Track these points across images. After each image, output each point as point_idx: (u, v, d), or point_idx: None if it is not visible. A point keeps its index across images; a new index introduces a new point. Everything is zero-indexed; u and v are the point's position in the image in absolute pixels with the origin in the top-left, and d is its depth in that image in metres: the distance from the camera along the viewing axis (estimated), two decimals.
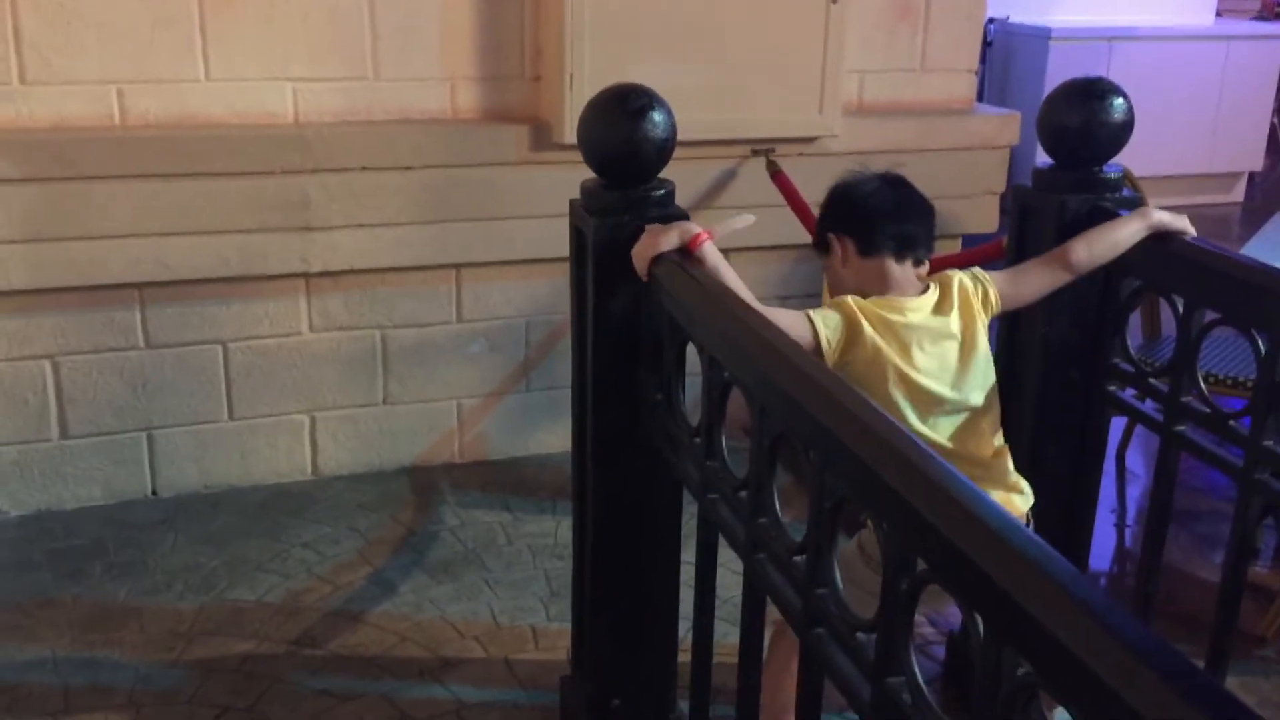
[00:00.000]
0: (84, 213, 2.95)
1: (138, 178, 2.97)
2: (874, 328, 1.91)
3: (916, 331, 1.94)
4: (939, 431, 1.95)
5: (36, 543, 3.03)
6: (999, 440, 2.03)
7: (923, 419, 1.94)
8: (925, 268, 2.03)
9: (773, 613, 1.63)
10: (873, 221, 2.00)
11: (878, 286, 1.98)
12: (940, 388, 1.94)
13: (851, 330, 1.90)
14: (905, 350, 1.92)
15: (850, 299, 1.94)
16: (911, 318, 1.94)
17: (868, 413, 1.31)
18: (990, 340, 2.04)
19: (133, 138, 2.98)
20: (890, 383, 1.91)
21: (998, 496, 1.87)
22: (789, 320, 1.85)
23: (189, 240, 3.05)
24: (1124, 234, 2.06)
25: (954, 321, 1.97)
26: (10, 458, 3.13)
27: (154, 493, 3.27)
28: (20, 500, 3.16)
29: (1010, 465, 2.03)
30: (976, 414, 1.98)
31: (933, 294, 2.00)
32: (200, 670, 2.53)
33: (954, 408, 1.96)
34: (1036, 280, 2.09)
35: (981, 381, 1.98)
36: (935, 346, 1.95)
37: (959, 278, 2.01)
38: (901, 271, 1.99)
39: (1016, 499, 2.00)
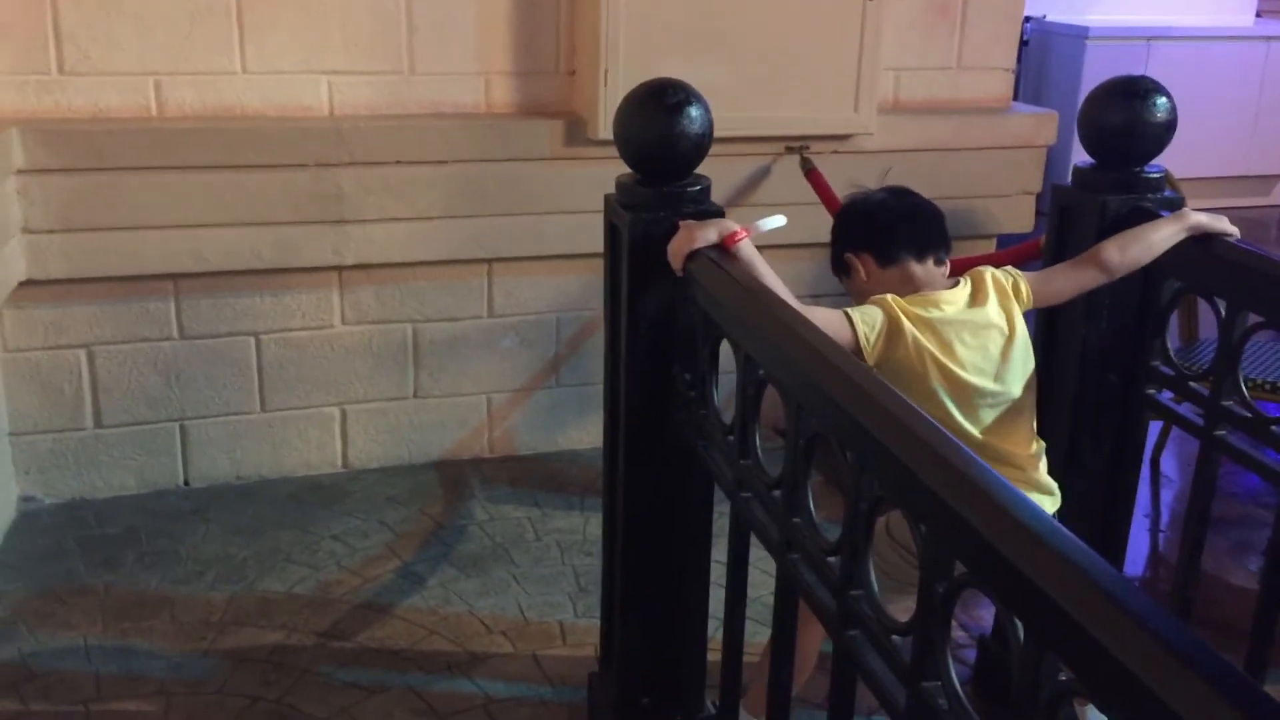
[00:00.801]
0: (120, 203, 2.97)
1: (174, 169, 2.99)
2: (914, 324, 1.90)
3: (955, 325, 1.93)
4: (979, 425, 1.94)
5: (70, 530, 3.05)
6: (1037, 440, 2.02)
7: (964, 412, 1.93)
8: (947, 267, 2.03)
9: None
10: (886, 230, 2.02)
11: (906, 291, 1.97)
12: (982, 380, 1.93)
13: (892, 327, 1.89)
14: (947, 345, 1.91)
15: (890, 296, 1.93)
16: (949, 311, 1.93)
17: (906, 413, 1.29)
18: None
19: (169, 129, 2.99)
20: (932, 378, 1.90)
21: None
22: (827, 318, 1.84)
23: (223, 232, 3.07)
24: (1159, 236, 2.03)
25: (993, 311, 1.96)
26: (46, 446, 3.15)
27: (186, 483, 3.29)
28: (55, 488, 3.18)
29: (1044, 466, 2.02)
30: (1016, 406, 1.97)
31: (965, 287, 1.99)
32: (230, 660, 2.54)
33: (995, 400, 1.95)
34: (1067, 280, 2.06)
35: (1022, 372, 1.97)
36: (976, 339, 1.94)
37: (990, 271, 2.01)
38: (925, 272, 2.00)
39: (1046, 500, 1.99)
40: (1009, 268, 2.03)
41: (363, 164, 3.11)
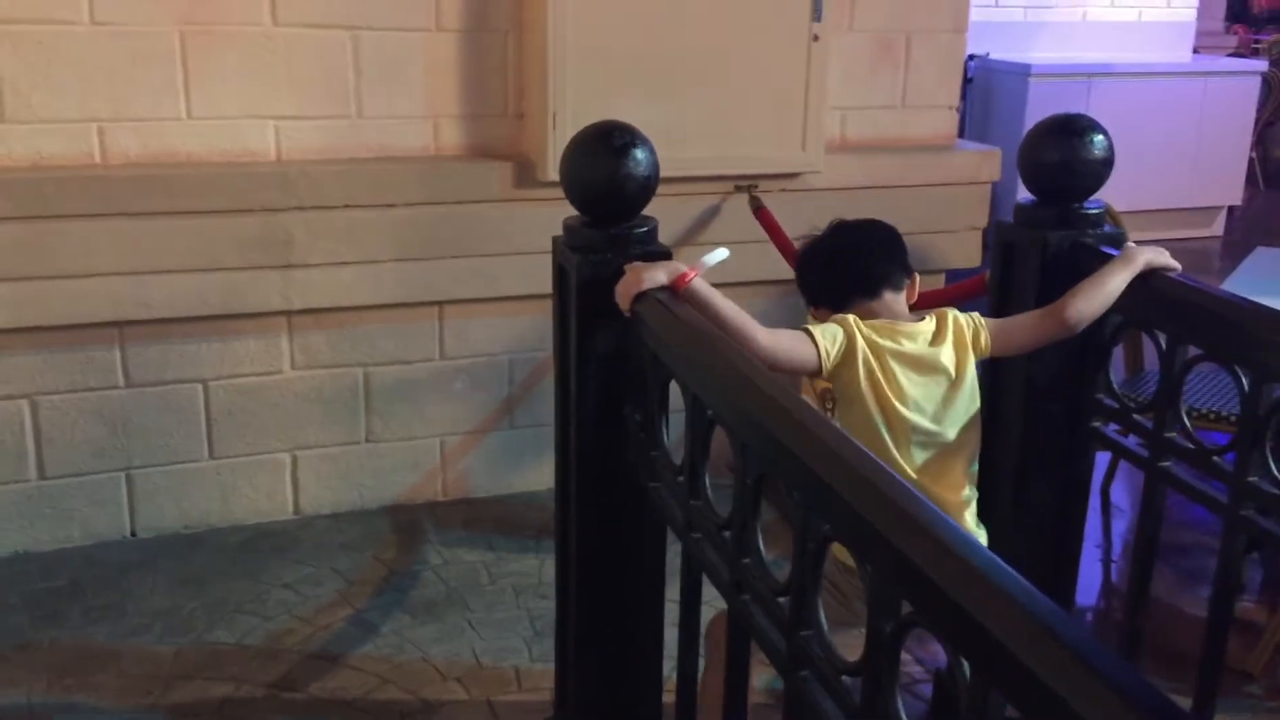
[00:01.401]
0: (64, 251, 2.94)
1: (118, 215, 2.96)
2: (869, 349, 1.93)
3: (908, 359, 1.95)
4: (912, 463, 1.96)
5: (13, 585, 2.98)
6: (969, 486, 2.03)
7: (898, 447, 1.95)
8: (907, 291, 2.05)
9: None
10: (826, 281, 2.06)
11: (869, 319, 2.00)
12: (919, 418, 1.95)
13: (849, 346, 1.92)
14: (893, 377, 1.93)
15: (851, 317, 1.96)
16: (906, 345, 1.95)
17: (852, 453, 1.30)
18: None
19: (113, 176, 2.97)
20: (871, 404, 1.93)
21: None
22: (791, 338, 1.89)
23: (170, 278, 3.04)
24: (1114, 283, 2.04)
25: (946, 354, 1.98)
26: None
27: (133, 533, 3.24)
28: None
29: (973, 513, 2.03)
30: (952, 450, 1.99)
31: (929, 324, 2.00)
32: (178, 715, 2.49)
33: (929, 440, 1.96)
34: (1027, 334, 2.07)
35: (963, 417, 1.99)
36: (922, 377, 1.95)
37: (954, 314, 2.02)
38: (882, 305, 2.02)
39: None
40: (974, 315, 2.04)
41: (311, 208, 3.10)
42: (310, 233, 3.11)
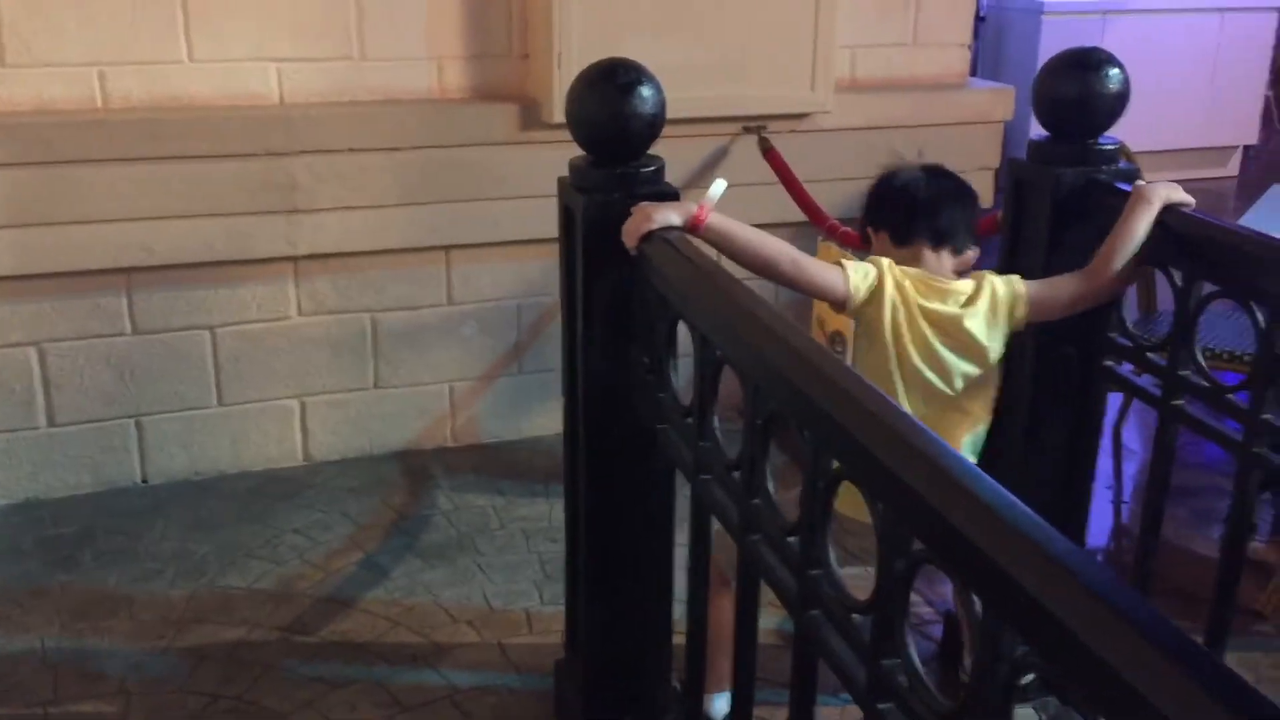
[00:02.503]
0: (68, 197, 2.91)
1: (121, 161, 2.93)
2: (899, 296, 1.93)
3: (935, 319, 1.95)
4: (917, 411, 1.96)
5: (25, 531, 3.00)
6: (971, 454, 2.03)
7: (908, 394, 1.96)
8: (966, 257, 2.05)
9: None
10: (906, 212, 2.04)
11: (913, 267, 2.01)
12: (933, 376, 1.96)
13: (879, 287, 1.92)
14: (916, 330, 1.94)
15: (888, 262, 1.95)
16: (937, 304, 1.95)
17: (863, 391, 1.28)
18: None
19: (115, 120, 2.94)
20: (890, 349, 1.94)
21: None
22: (819, 268, 1.91)
23: (174, 224, 3.02)
24: (1140, 227, 1.98)
25: (975, 322, 1.96)
26: None
27: (144, 480, 3.24)
28: (8, 489, 3.13)
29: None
30: (959, 408, 2.00)
31: (968, 285, 1.99)
32: (191, 658, 2.51)
33: (937, 397, 1.98)
34: (1067, 298, 2.03)
35: (976, 386, 2.00)
36: (947, 339, 1.96)
37: (994, 282, 2.00)
38: (938, 261, 2.03)
39: None
40: (1015, 281, 2.01)
41: (315, 152, 3.07)
42: (314, 177, 3.08)
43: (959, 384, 1.98)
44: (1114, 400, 3.52)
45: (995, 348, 1.99)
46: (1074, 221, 2.14)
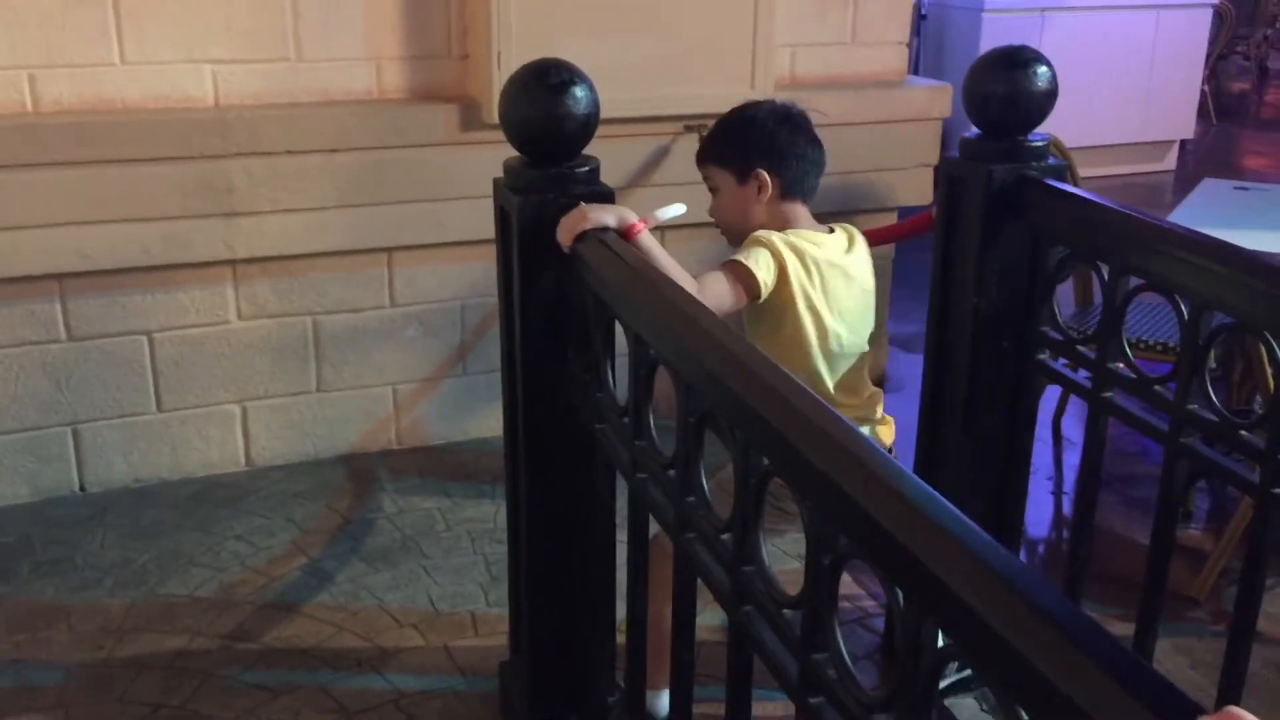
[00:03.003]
0: None
1: (53, 165, 2.88)
2: (799, 262, 1.96)
3: (833, 268, 2.00)
4: (835, 372, 2.04)
5: None
6: (871, 389, 2.14)
7: (825, 359, 2.02)
8: None
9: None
10: (801, 164, 2.05)
11: (786, 228, 2.02)
12: (842, 328, 2.01)
13: (781, 268, 1.94)
14: (826, 285, 1.98)
15: (773, 236, 1.97)
16: (831, 253, 2.01)
17: (791, 389, 1.29)
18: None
19: (46, 125, 2.89)
20: (805, 317, 1.97)
21: (868, 430, 2.02)
22: (716, 288, 1.90)
23: (109, 229, 2.98)
24: None
25: (859, 264, 2.05)
26: None
27: (82, 488, 3.20)
28: None
29: (881, 405, 2.14)
30: (859, 361, 2.08)
31: (840, 235, 2.07)
32: (131, 668, 2.48)
33: (848, 352, 2.04)
34: None
35: (870, 328, 2.09)
36: (847, 287, 2.02)
37: (849, 228, 2.11)
38: (808, 216, 2.08)
39: (883, 431, 2.11)
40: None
41: (252, 154, 3.04)
42: (252, 180, 3.05)
43: (861, 328, 2.06)
44: (1053, 393, 3.57)
45: (874, 286, 2.10)
46: (1006, 216, 2.17)
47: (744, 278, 1.93)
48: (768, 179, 2.03)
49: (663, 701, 2.20)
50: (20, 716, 2.34)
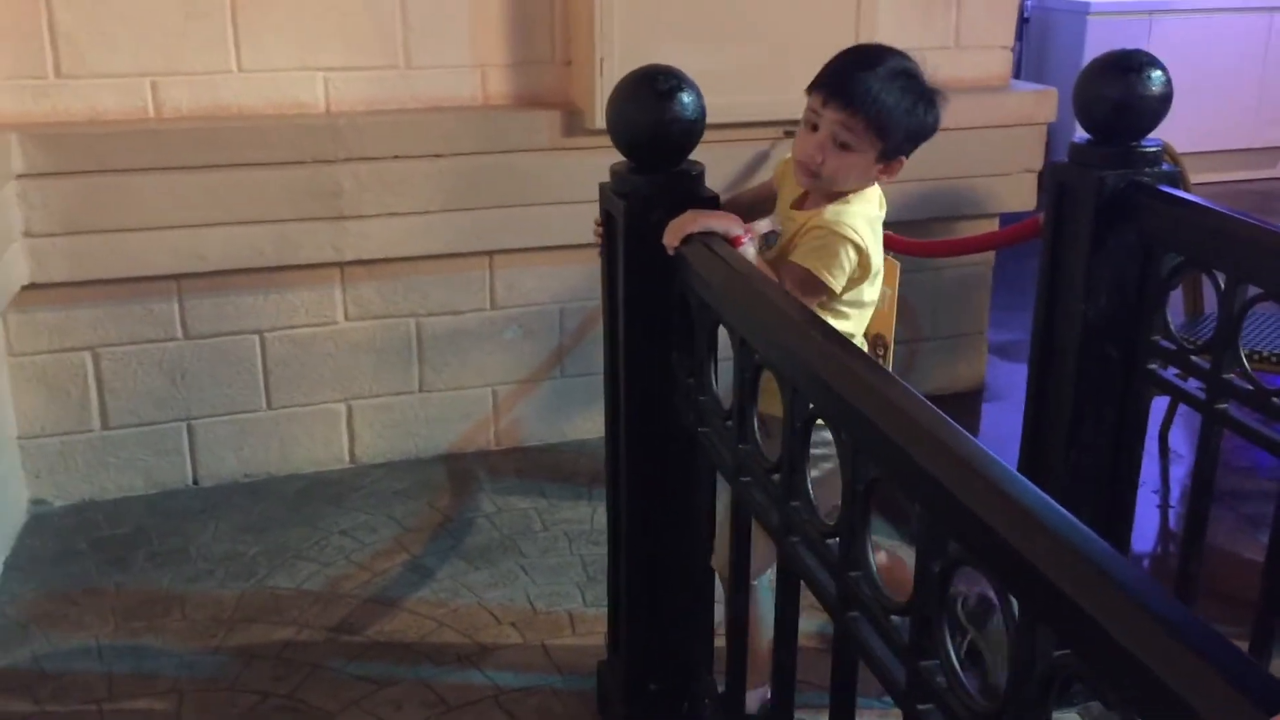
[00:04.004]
0: (120, 205, 2.98)
1: (172, 170, 2.99)
2: (873, 236, 1.96)
3: (879, 221, 2.02)
4: (864, 322, 2.07)
5: (80, 532, 3.07)
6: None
7: (863, 313, 2.04)
8: None
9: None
10: (917, 130, 1.97)
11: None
12: (885, 287, 2.08)
13: (860, 255, 1.92)
14: (878, 243, 1.99)
15: (857, 223, 1.92)
16: (878, 205, 2.03)
17: (900, 394, 1.29)
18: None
19: (167, 130, 3.00)
20: (874, 286, 2.00)
21: None
22: (805, 296, 1.88)
23: (224, 231, 3.08)
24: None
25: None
26: (54, 449, 3.17)
27: (195, 482, 3.31)
28: (64, 490, 3.20)
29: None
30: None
31: (869, 190, 2.01)
32: (241, 657, 2.56)
33: (876, 299, 2.06)
34: None
35: None
36: (880, 237, 2.02)
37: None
38: None
39: None
40: None
41: (360, 159, 3.11)
42: (359, 184, 3.13)
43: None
44: (1160, 404, 3.49)
45: None
46: (1117, 223, 2.13)
47: (819, 290, 1.91)
48: (898, 165, 1.97)
49: (751, 700, 2.21)
50: (137, 701, 2.43)
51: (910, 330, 3.80)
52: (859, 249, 1.90)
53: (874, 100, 1.86)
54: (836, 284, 1.90)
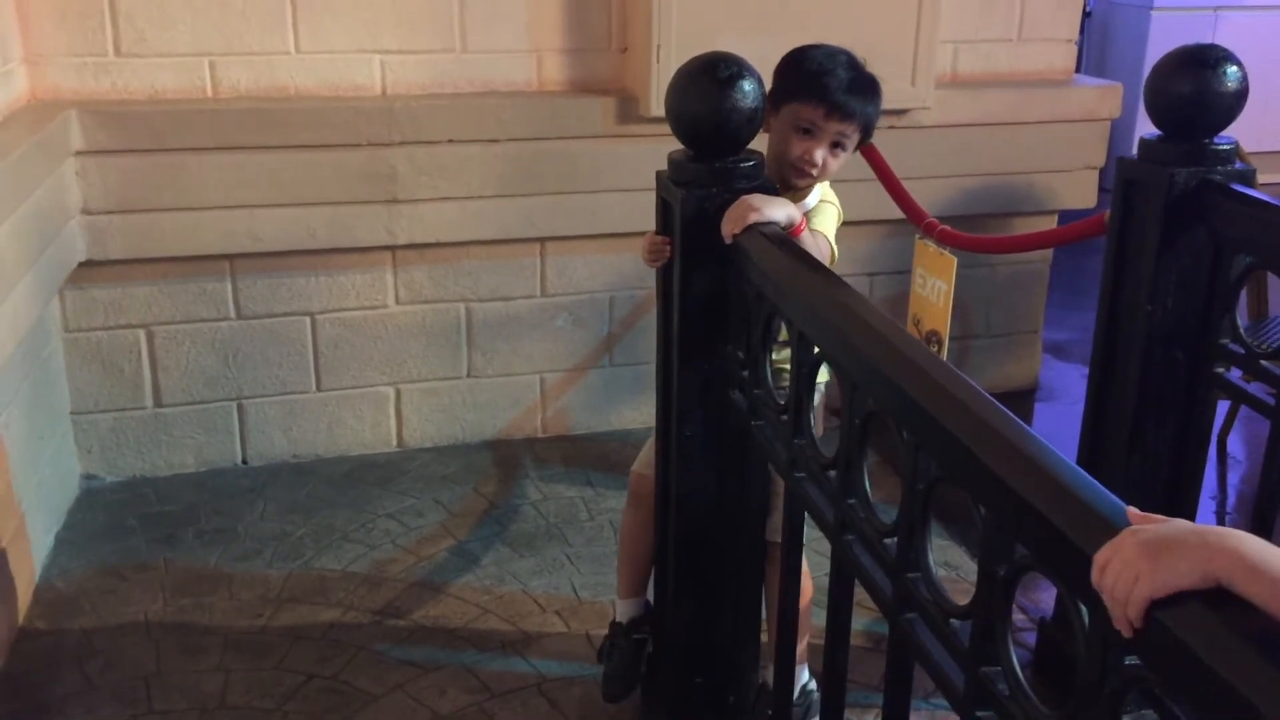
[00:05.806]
0: (177, 184, 3.00)
1: (229, 149, 3.00)
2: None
3: None
4: None
5: (131, 508, 3.09)
6: None
7: None
8: None
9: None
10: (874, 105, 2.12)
11: None
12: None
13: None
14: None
15: (832, 193, 2.12)
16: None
17: (964, 390, 1.26)
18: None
19: (224, 110, 3.01)
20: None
21: None
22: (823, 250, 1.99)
23: (278, 212, 3.08)
24: None
25: None
26: (107, 425, 3.20)
27: (244, 461, 3.33)
28: (116, 467, 3.23)
29: None
30: None
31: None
32: (288, 637, 2.57)
33: None
34: None
35: None
36: None
37: None
38: None
39: None
40: None
41: (415, 143, 3.11)
42: (414, 167, 3.13)
43: None
44: (1218, 407, 3.41)
45: None
46: (1187, 222, 2.07)
47: (828, 258, 2.00)
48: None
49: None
50: (184, 677, 2.44)
51: (964, 327, 3.75)
52: (837, 209, 2.11)
53: (866, 112, 2.09)
54: (836, 250, 2.04)
